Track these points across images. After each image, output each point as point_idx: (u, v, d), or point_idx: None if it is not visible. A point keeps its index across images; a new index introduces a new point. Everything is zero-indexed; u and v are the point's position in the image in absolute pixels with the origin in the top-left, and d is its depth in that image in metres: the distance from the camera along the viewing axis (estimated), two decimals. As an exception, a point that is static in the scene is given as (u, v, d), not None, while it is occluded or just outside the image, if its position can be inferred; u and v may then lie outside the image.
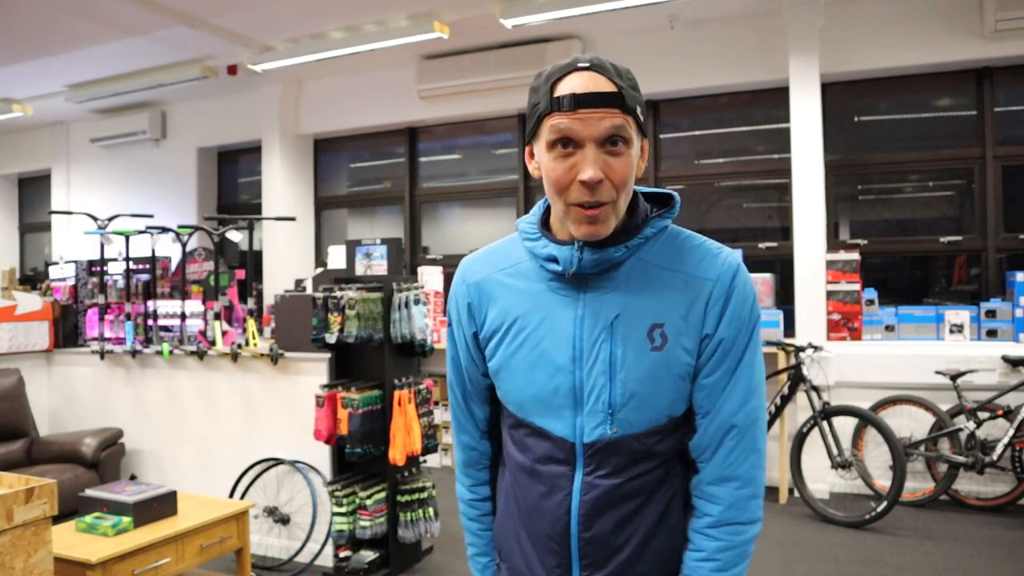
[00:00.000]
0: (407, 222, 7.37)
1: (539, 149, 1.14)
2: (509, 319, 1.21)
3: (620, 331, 1.13)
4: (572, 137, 1.08)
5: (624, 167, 1.09)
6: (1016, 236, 5.32)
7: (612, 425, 1.13)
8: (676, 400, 1.15)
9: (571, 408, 1.15)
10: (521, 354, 1.19)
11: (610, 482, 1.15)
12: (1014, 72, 5.31)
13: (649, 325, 1.13)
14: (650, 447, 1.15)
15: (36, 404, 4.74)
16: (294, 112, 7.42)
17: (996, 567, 3.68)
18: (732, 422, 1.15)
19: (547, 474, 1.19)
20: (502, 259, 1.27)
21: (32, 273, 9.28)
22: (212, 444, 4.31)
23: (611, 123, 1.07)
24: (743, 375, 1.16)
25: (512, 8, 5.35)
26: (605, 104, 1.07)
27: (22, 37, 6.00)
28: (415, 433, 3.60)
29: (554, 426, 1.17)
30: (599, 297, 1.15)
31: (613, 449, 1.14)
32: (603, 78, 1.09)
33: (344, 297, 3.61)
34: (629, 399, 1.13)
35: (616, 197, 1.10)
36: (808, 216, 5.27)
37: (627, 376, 1.13)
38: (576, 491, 1.17)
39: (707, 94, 6.10)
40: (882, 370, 4.88)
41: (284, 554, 3.94)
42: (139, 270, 5.00)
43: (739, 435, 1.15)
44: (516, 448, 1.25)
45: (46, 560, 2.11)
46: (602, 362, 1.13)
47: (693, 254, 1.17)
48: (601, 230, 1.11)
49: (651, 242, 1.18)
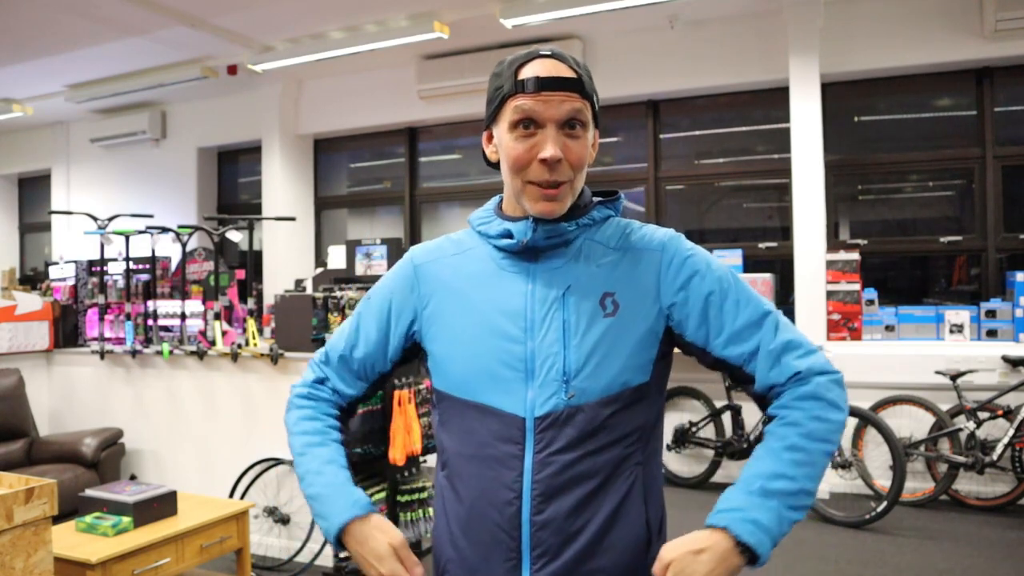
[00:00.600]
0: (407, 222, 7.37)
1: (499, 131, 1.18)
2: (455, 299, 1.22)
3: (572, 301, 1.15)
4: (534, 118, 1.13)
5: (581, 149, 1.15)
6: (1016, 236, 5.32)
7: (567, 391, 1.12)
8: (631, 368, 1.14)
9: (522, 381, 1.14)
10: (468, 331, 1.19)
11: (564, 457, 1.11)
12: (1014, 72, 5.31)
13: (600, 294, 1.15)
14: (604, 419, 1.12)
15: (36, 404, 4.74)
16: (294, 112, 7.42)
17: (996, 567, 3.68)
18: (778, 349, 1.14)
19: (495, 456, 1.14)
20: (451, 246, 1.29)
21: (32, 273, 9.28)
22: (212, 444, 4.31)
23: (571, 106, 1.13)
24: (750, 309, 1.16)
25: (512, 8, 5.35)
26: (566, 88, 1.13)
27: (22, 37, 6.00)
28: (415, 433, 3.60)
29: (502, 401, 1.14)
30: (550, 270, 1.18)
31: (566, 421, 1.12)
32: (564, 65, 1.15)
33: (344, 297, 3.61)
34: (584, 364, 1.12)
35: (573, 177, 1.15)
36: (808, 216, 5.27)
37: (581, 342, 1.13)
38: (527, 470, 1.12)
39: (707, 94, 6.10)
40: (882, 370, 4.88)
41: (284, 554, 3.94)
42: (139, 270, 5.00)
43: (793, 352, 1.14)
44: (457, 438, 1.20)
45: (46, 560, 2.11)
46: (555, 330, 1.14)
47: (637, 232, 1.22)
48: (557, 208, 1.15)
49: (599, 226, 1.22)
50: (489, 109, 1.20)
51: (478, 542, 1.16)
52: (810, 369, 1.13)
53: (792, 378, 1.13)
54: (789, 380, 1.13)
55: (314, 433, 1.27)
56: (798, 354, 1.14)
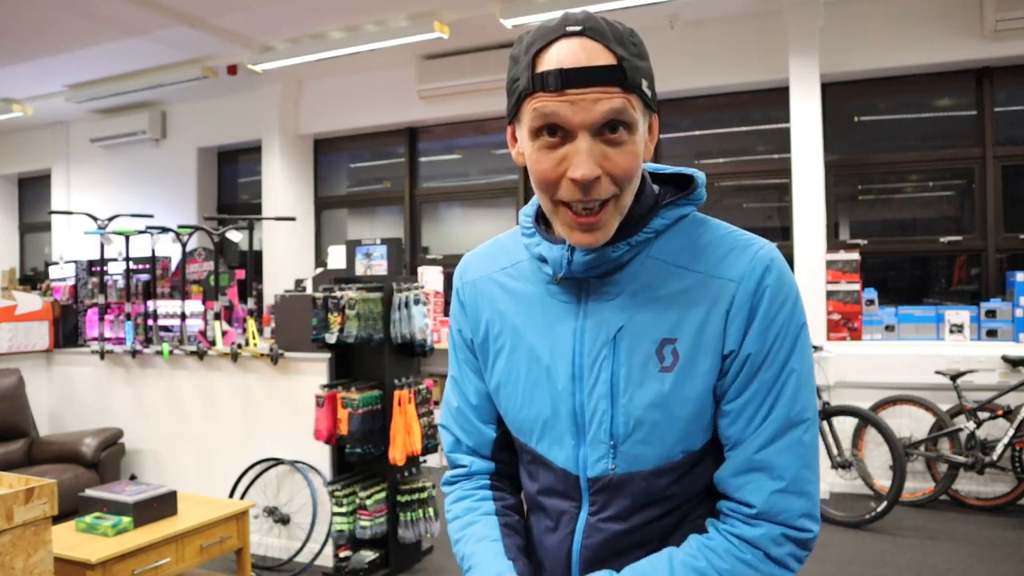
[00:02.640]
0: (407, 222, 7.36)
1: (522, 134, 0.93)
2: (507, 328, 1.05)
3: (624, 347, 0.94)
4: (560, 124, 0.87)
5: (627, 159, 0.88)
6: (1016, 236, 5.32)
7: (614, 460, 0.95)
8: (692, 432, 0.94)
9: (573, 435, 0.98)
10: (520, 370, 1.02)
11: (614, 527, 0.98)
12: (1014, 72, 5.31)
13: (659, 340, 0.93)
14: (661, 489, 0.96)
15: (36, 404, 4.74)
16: (294, 112, 7.42)
17: (996, 567, 3.68)
18: (759, 462, 0.92)
19: (552, 508, 1.03)
20: (503, 256, 1.09)
21: (32, 273, 9.28)
22: (212, 444, 4.31)
23: (609, 106, 0.86)
24: (780, 400, 0.92)
25: (512, 8, 5.35)
26: (601, 81, 0.85)
27: (22, 37, 6.00)
28: (415, 433, 3.60)
29: (556, 455, 1.00)
30: (601, 305, 0.96)
31: (619, 488, 0.96)
32: (598, 46, 0.86)
33: (344, 297, 3.61)
34: (634, 429, 0.94)
35: (619, 192, 0.90)
36: (808, 216, 5.27)
37: (631, 401, 0.94)
38: (579, 532, 1.00)
39: (707, 94, 6.10)
40: (882, 370, 4.88)
41: (284, 554, 3.94)
42: (139, 270, 5.00)
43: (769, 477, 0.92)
44: (526, 475, 1.09)
45: (46, 560, 2.11)
46: (603, 383, 0.95)
47: (716, 249, 0.95)
48: (599, 237, 0.91)
49: (664, 235, 0.97)
50: (508, 103, 0.93)
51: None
52: (768, 510, 0.91)
53: (741, 507, 0.93)
54: (737, 505, 0.94)
55: (464, 513, 1.11)
56: (773, 486, 0.91)
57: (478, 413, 1.12)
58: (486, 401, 1.11)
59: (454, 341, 1.15)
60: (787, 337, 0.93)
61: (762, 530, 0.91)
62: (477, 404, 1.12)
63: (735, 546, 0.92)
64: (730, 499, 0.95)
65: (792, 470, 0.91)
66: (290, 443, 3.98)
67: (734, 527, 0.93)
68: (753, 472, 0.92)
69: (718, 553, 0.92)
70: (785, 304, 0.93)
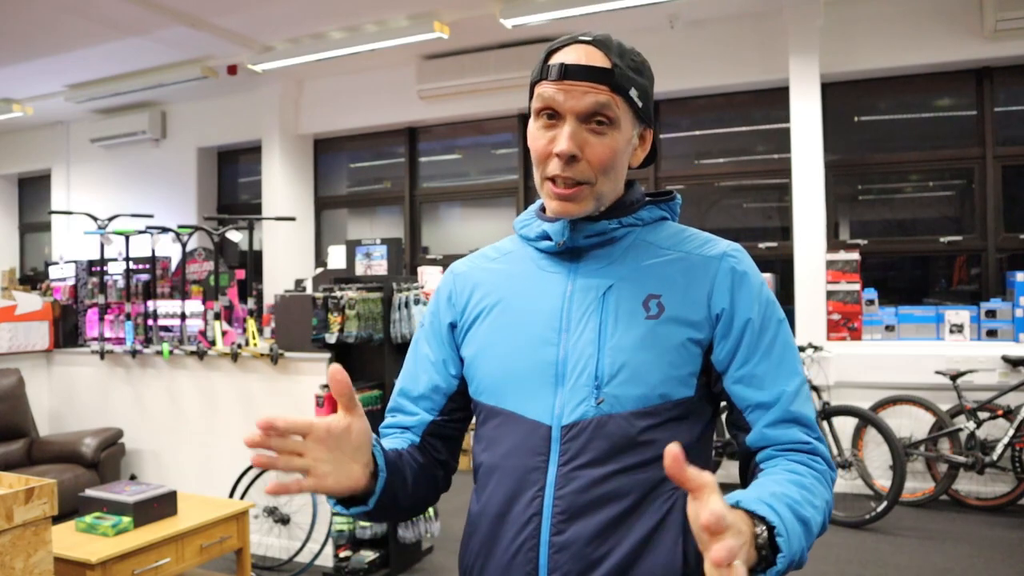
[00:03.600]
0: (407, 222, 7.37)
1: (531, 119, 1.09)
2: (492, 300, 1.13)
3: (612, 301, 1.05)
4: (555, 108, 1.03)
5: (604, 149, 1.03)
6: (1016, 236, 5.32)
7: (598, 397, 1.01)
8: (672, 378, 1.02)
9: (551, 386, 1.04)
10: (502, 333, 1.10)
11: (591, 473, 1.00)
12: (1014, 72, 5.31)
13: (645, 295, 1.05)
14: (639, 433, 1.00)
15: (36, 404, 4.74)
16: (294, 112, 7.43)
17: (996, 567, 3.68)
18: (794, 414, 1.02)
19: (516, 468, 1.04)
20: (493, 252, 1.21)
21: (32, 273, 9.28)
22: (212, 444, 4.31)
23: (595, 99, 1.01)
24: (785, 360, 1.05)
25: (512, 8, 5.35)
26: (592, 78, 1.01)
27: (22, 37, 6.00)
28: (415, 433, 3.60)
29: (528, 407, 1.04)
30: (592, 271, 1.08)
31: (596, 431, 1.00)
32: (600, 53, 1.03)
33: (344, 297, 3.61)
34: (619, 369, 1.01)
35: (594, 179, 1.04)
36: (808, 216, 5.27)
37: (617, 344, 1.02)
38: (550, 485, 1.01)
39: (707, 94, 6.10)
40: (882, 370, 4.88)
41: (284, 554, 3.94)
42: (139, 270, 5.00)
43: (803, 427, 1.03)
44: (484, 448, 1.11)
45: (46, 560, 2.11)
46: (590, 331, 1.04)
47: (695, 239, 1.11)
48: (572, 209, 1.05)
49: (649, 227, 1.12)
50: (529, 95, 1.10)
51: (497, 563, 1.05)
52: (820, 450, 1.02)
53: (798, 447, 1.02)
54: (794, 447, 1.02)
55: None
56: (811, 433, 1.03)
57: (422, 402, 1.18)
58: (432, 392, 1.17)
59: (424, 333, 1.22)
60: (773, 309, 1.07)
61: (823, 466, 1.02)
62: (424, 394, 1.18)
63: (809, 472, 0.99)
64: (779, 448, 1.02)
65: (814, 420, 1.05)
66: (290, 443, 3.97)
67: (802, 459, 1.01)
68: (792, 423, 1.02)
69: (801, 473, 0.98)
70: (763, 284, 1.09)
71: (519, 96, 6.36)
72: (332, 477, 0.92)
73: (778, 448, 1.02)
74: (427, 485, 1.15)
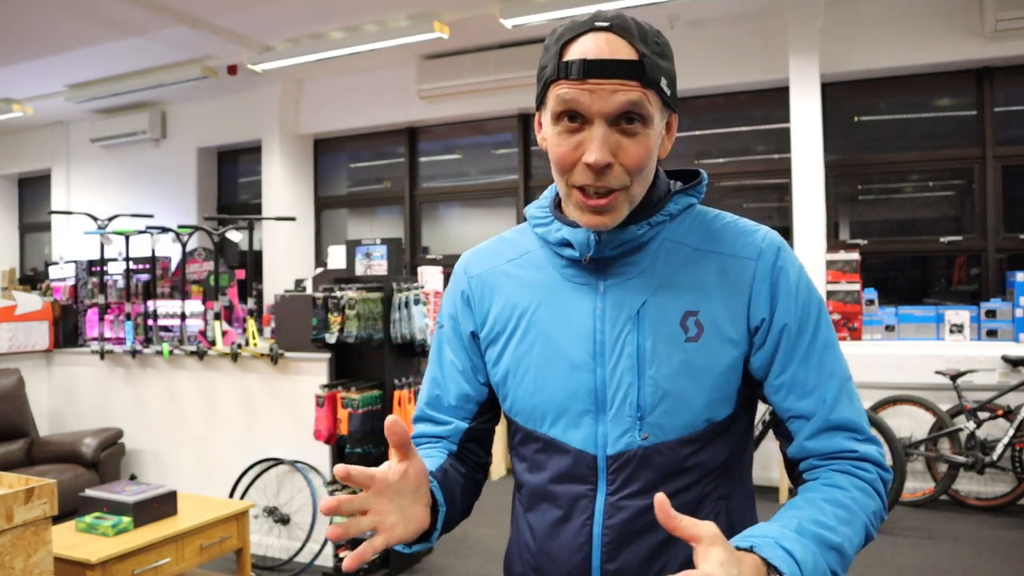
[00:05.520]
0: (407, 222, 7.36)
1: (545, 120, 0.98)
2: (516, 314, 1.05)
3: (648, 321, 0.97)
4: (579, 111, 0.92)
5: (639, 151, 0.93)
6: (1016, 236, 5.32)
7: (642, 431, 0.96)
8: (716, 401, 0.97)
9: (592, 414, 0.98)
10: (532, 354, 1.03)
11: (639, 503, 0.97)
12: (1014, 72, 5.31)
13: (682, 313, 0.97)
14: (685, 459, 0.97)
15: (36, 404, 4.74)
16: (294, 112, 7.42)
17: (996, 567, 3.68)
18: (836, 422, 0.97)
19: (564, 496, 1.01)
20: (509, 249, 1.11)
21: (32, 273, 9.28)
22: (212, 444, 4.31)
23: (626, 98, 0.90)
24: (825, 363, 0.98)
25: (512, 8, 5.35)
26: (620, 74, 0.90)
27: (22, 37, 6.00)
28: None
29: (572, 436, 1.00)
30: (622, 284, 0.99)
31: (642, 462, 0.97)
32: (623, 42, 0.91)
33: (344, 297, 3.61)
34: (661, 399, 0.96)
35: (629, 184, 0.94)
36: (808, 216, 5.27)
37: (658, 372, 0.96)
38: (598, 514, 0.98)
39: (707, 94, 6.10)
40: (882, 370, 4.88)
41: (284, 554, 3.94)
42: (139, 270, 5.00)
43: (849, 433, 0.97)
44: (527, 469, 1.07)
45: (46, 560, 2.11)
46: (628, 357, 0.97)
47: (727, 233, 1.02)
48: (607, 221, 0.96)
49: (677, 220, 1.03)
50: (537, 90, 0.99)
51: None
52: (867, 455, 0.97)
53: (842, 455, 0.97)
54: (837, 455, 0.97)
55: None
56: (857, 436, 0.97)
57: (455, 412, 1.13)
58: (464, 401, 1.13)
59: (446, 336, 1.15)
60: (812, 308, 1.00)
61: (873, 472, 0.96)
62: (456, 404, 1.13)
63: (853, 485, 0.94)
64: (822, 458, 0.98)
65: (861, 422, 0.98)
66: (290, 443, 3.98)
67: (846, 467, 0.96)
68: (834, 431, 0.97)
69: (845, 488, 0.94)
70: (803, 278, 1.02)
71: (519, 96, 6.36)
72: (399, 527, 0.90)
73: (821, 457, 0.98)
74: (472, 493, 1.14)
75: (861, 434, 0.97)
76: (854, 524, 0.91)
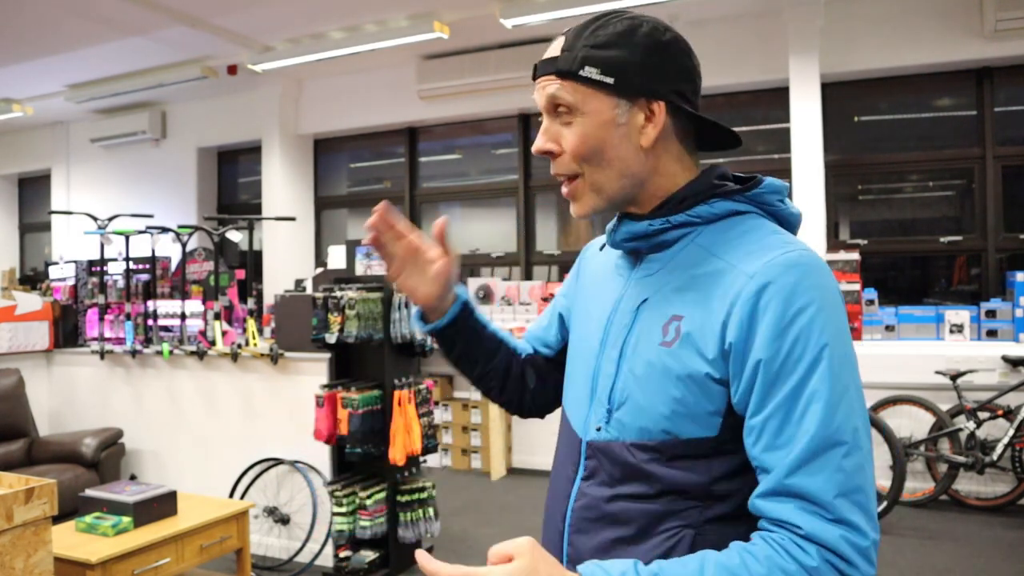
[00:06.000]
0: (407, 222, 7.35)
1: None
2: (582, 296, 1.15)
3: (642, 318, 0.98)
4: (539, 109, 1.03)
5: (574, 137, 0.97)
6: (1016, 236, 5.32)
7: (609, 424, 0.97)
8: (681, 416, 0.91)
9: (588, 397, 1.03)
10: (577, 333, 1.13)
11: (599, 492, 0.98)
12: (1014, 72, 5.31)
13: (668, 316, 0.95)
14: (642, 464, 0.93)
15: (36, 404, 4.74)
16: (294, 112, 7.43)
17: (996, 567, 3.68)
18: (789, 487, 0.84)
19: (558, 476, 1.08)
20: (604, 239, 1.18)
21: (32, 273, 9.28)
22: (212, 444, 4.31)
23: (548, 91, 0.99)
24: (804, 420, 0.84)
25: (512, 8, 5.35)
26: (542, 71, 1.00)
27: (22, 37, 6.00)
28: (415, 433, 3.60)
29: (573, 416, 1.06)
30: (642, 279, 1.01)
31: (607, 454, 0.97)
32: (560, 42, 0.99)
33: (344, 297, 3.61)
34: (626, 399, 0.96)
35: (578, 169, 0.99)
36: (808, 216, 5.26)
37: (630, 369, 0.96)
38: (572, 496, 1.02)
39: (707, 94, 6.04)
40: (882, 370, 4.88)
41: (284, 554, 3.94)
42: (139, 270, 5.00)
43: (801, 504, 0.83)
44: (559, 440, 1.14)
45: (46, 560, 2.11)
46: (616, 348, 1.00)
47: (749, 243, 0.94)
48: (577, 209, 1.02)
49: (714, 226, 0.98)
50: None
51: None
52: (814, 534, 0.82)
53: (785, 526, 0.84)
54: (781, 525, 0.84)
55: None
56: (816, 512, 0.82)
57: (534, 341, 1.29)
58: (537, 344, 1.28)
59: (561, 293, 1.28)
60: (807, 349, 0.85)
61: (813, 559, 0.82)
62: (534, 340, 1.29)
63: (778, 554, 0.83)
64: (770, 520, 0.86)
65: (826, 497, 0.82)
66: (290, 443, 3.98)
67: (784, 541, 0.84)
68: (785, 497, 0.84)
69: (757, 558, 0.83)
70: (804, 311, 0.85)
71: (519, 96, 6.36)
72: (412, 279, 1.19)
73: (768, 522, 0.86)
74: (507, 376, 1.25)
75: (824, 511, 0.82)
76: None
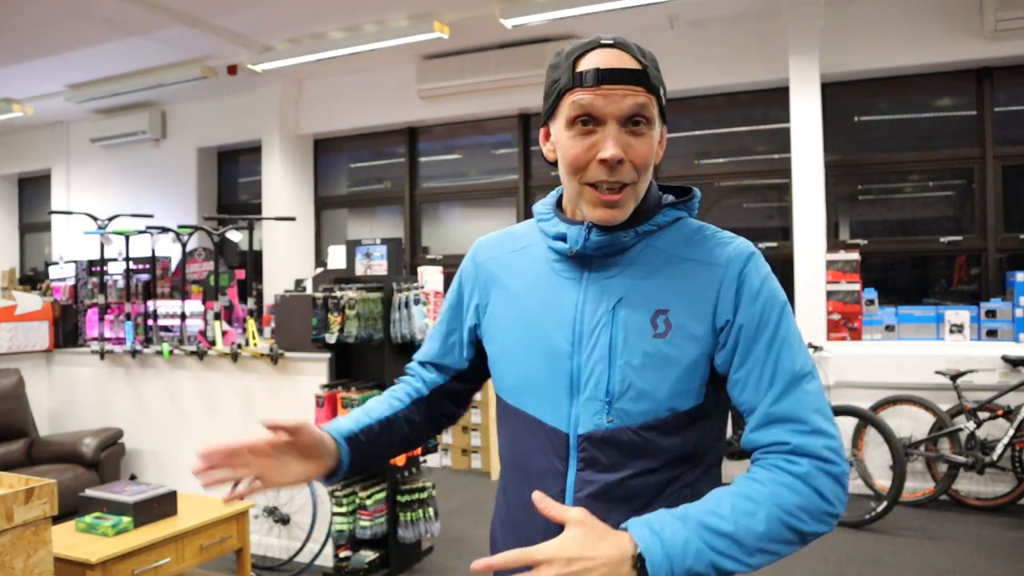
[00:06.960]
0: (407, 222, 7.36)
1: (556, 128, 1.10)
2: (511, 300, 1.18)
3: (622, 316, 1.07)
4: (594, 114, 1.04)
5: (646, 148, 1.06)
6: (1016, 236, 5.32)
7: (609, 414, 1.06)
8: (681, 393, 1.05)
9: (567, 396, 1.09)
10: (520, 338, 1.15)
11: (607, 477, 1.06)
12: (1014, 72, 5.31)
13: (653, 311, 1.07)
14: (650, 442, 1.06)
15: (36, 404, 4.74)
16: (294, 112, 7.43)
17: (996, 567, 3.68)
18: (776, 415, 1.03)
19: (538, 470, 1.12)
20: (512, 241, 1.25)
21: (32, 273, 9.28)
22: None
23: (634, 101, 1.04)
24: (780, 361, 1.04)
25: (512, 8, 5.35)
26: (629, 81, 1.04)
27: (22, 37, 6.00)
28: (415, 433, 3.59)
29: (547, 415, 1.11)
30: (602, 280, 1.10)
31: (609, 441, 1.06)
32: (627, 55, 1.05)
33: (344, 297, 3.61)
34: (628, 387, 1.05)
35: (636, 179, 1.06)
36: (808, 216, 5.27)
37: (627, 363, 1.05)
38: (569, 488, 1.08)
39: (707, 94, 6.10)
40: (882, 370, 4.88)
41: (284, 554, 3.94)
42: (139, 270, 5.00)
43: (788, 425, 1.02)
44: (508, 443, 1.19)
45: (46, 560, 2.11)
46: (601, 347, 1.07)
47: (705, 243, 1.11)
48: (617, 215, 1.07)
49: (664, 231, 1.13)
50: (546, 104, 1.12)
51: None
52: (801, 447, 1.00)
53: (775, 447, 1.02)
54: (771, 448, 1.03)
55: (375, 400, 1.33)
56: (797, 428, 1.01)
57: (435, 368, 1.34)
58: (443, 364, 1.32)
59: (450, 305, 1.31)
60: (773, 309, 1.06)
61: (803, 465, 1.00)
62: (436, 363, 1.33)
63: (778, 480, 0.99)
64: (762, 451, 1.04)
65: (806, 415, 1.02)
66: (290, 443, 3.97)
67: (776, 461, 1.01)
68: (773, 424, 1.03)
69: (759, 480, 1.00)
70: (766, 283, 1.08)
71: (519, 96, 6.36)
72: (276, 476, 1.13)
73: (761, 450, 1.04)
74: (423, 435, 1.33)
75: (805, 426, 1.01)
76: (758, 515, 0.96)
